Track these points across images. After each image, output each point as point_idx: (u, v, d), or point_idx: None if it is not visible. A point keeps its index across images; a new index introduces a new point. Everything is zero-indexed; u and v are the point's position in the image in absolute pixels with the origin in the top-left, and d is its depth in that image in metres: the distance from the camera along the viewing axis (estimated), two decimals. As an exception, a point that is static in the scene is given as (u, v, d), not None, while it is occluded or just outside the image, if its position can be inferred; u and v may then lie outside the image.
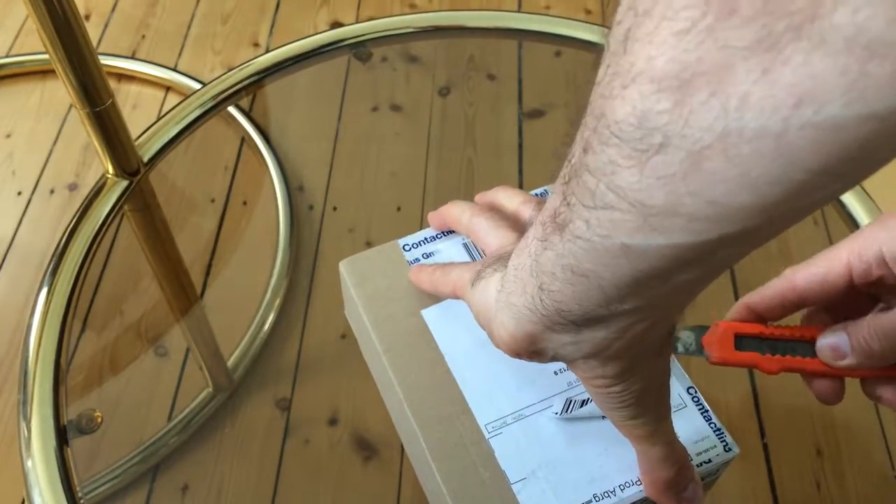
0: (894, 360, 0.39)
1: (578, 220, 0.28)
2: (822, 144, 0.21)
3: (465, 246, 0.50)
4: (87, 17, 1.34)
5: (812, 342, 0.41)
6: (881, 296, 0.41)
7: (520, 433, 0.43)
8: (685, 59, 0.22)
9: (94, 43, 1.08)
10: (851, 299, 0.42)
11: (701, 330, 0.43)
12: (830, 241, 0.85)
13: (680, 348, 0.43)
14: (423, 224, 0.53)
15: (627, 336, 0.32)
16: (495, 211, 0.47)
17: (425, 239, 0.51)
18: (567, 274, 0.30)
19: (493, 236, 0.45)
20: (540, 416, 0.44)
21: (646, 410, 0.37)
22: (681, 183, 0.23)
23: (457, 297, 0.43)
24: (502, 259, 0.38)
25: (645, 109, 0.23)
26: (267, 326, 0.86)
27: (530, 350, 0.35)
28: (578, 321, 0.31)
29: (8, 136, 1.18)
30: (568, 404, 0.44)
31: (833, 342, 0.40)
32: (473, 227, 0.47)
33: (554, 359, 0.35)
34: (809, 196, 0.23)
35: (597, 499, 0.41)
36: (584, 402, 0.44)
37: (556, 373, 0.45)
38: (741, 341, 0.43)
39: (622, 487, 0.42)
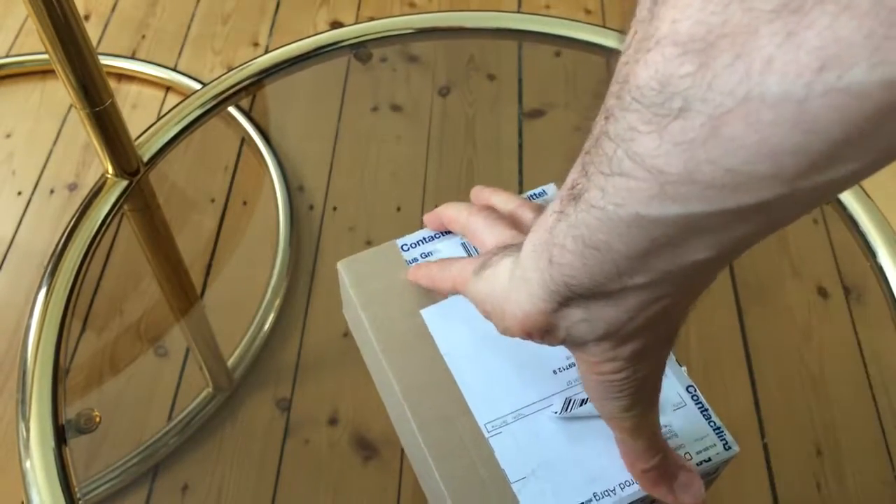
0: None
1: (594, 188, 0.27)
2: (843, 112, 0.20)
3: (464, 246, 0.50)
4: (87, 17, 1.34)
5: None
6: None
7: (520, 433, 0.43)
8: (710, 22, 0.22)
9: (94, 43, 1.08)
10: None
11: None
12: (830, 241, 0.85)
13: None
14: (422, 224, 0.53)
15: (641, 317, 0.31)
16: (492, 210, 0.47)
17: (423, 239, 0.51)
18: (578, 245, 0.29)
19: (489, 234, 0.45)
20: (540, 415, 0.44)
21: (640, 401, 0.37)
22: (700, 149, 0.23)
23: (456, 292, 0.43)
24: (511, 247, 0.37)
25: (667, 73, 0.23)
26: (267, 326, 0.86)
27: (543, 329, 0.34)
28: (587, 294, 0.31)
29: (8, 136, 1.18)
30: (567, 403, 0.44)
31: None
32: (471, 225, 0.47)
33: (566, 340, 0.34)
34: (828, 171, 0.22)
35: (597, 497, 0.41)
36: (583, 401, 0.44)
37: (555, 372, 0.45)
38: None
39: (622, 486, 0.42)
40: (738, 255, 0.29)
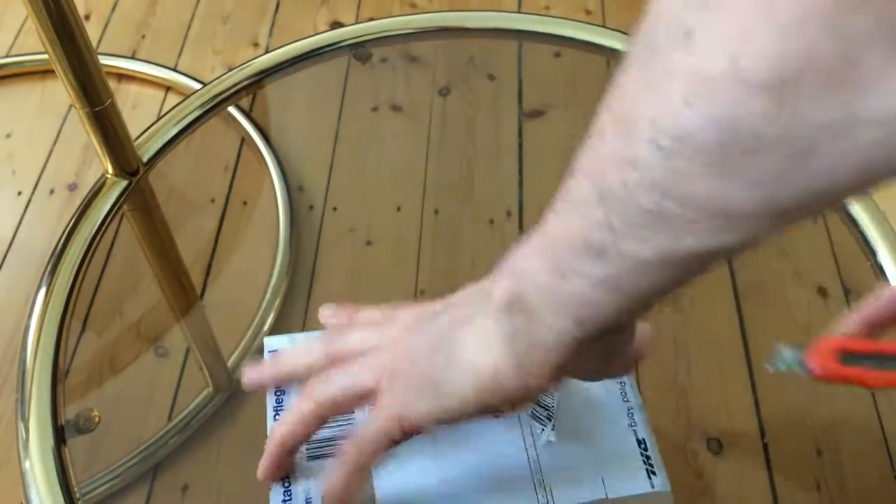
0: None
1: (631, 239, 0.26)
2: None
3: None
4: (87, 17, 1.33)
5: None
6: None
7: None
8: (791, 56, 0.20)
9: (94, 43, 1.08)
10: None
11: (801, 348, 0.42)
12: (830, 241, 0.85)
13: (781, 366, 0.42)
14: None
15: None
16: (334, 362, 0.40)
17: None
18: (613, 296, 0.28)
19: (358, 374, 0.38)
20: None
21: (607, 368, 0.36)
22: (778, 184, 0.22)
23: (410, 433, 0.36)
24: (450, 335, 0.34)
25: (733, 116, 0.21)
26: (267, 326, 0.86)
27: (540, 390, 0.33)
28: (599, 335, 0.30)
29: (8, 136, 1.18)
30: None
31: None
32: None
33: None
34: None
35: None
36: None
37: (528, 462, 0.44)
38: (846, 357, 0.41)
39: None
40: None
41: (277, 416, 0.44)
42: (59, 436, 0.62)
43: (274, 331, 0.86)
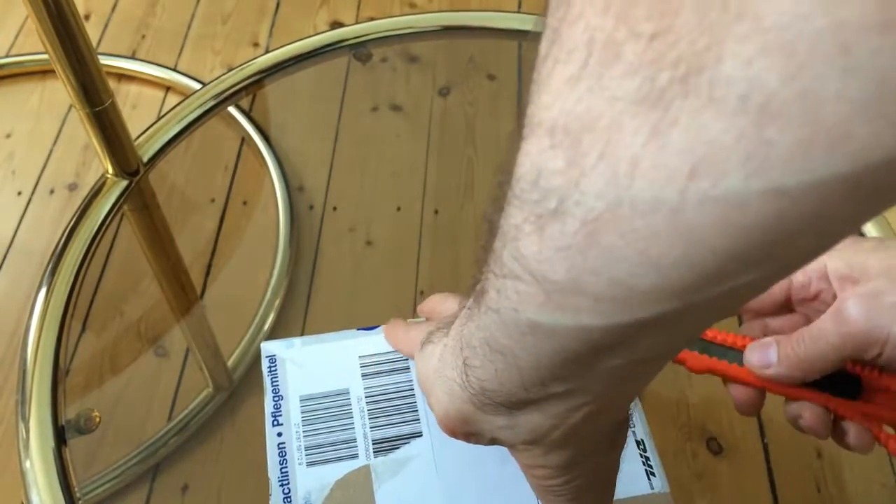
0: (817, 375, 0.39)
1: (491, 289, 0.24)
2: (726, 224, 0.17)
3: None
4: (87, 17, 1.33)
5: (743, 351, 0.41)
6: (812, 315, 0.41)
7: None
8: (576, 111, 0.19)
9: (94, 43, 1.08)
10: (788, 318, 0.42)
11: None
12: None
13: None
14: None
15: (567, 424, 0.28)
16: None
17: None
18: (485, 349, 0.26)
19: (447, 304, 0.42)
20: None
21: None
22: (579, 257, 0.20)
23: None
24: (450, 323, 0.33)
25: (540, 167, 0.20)
26: (267, 326, 0.86)
27: (465, 431, 0.31)
28: (505, 403, 0.28)
29: (8, 136, 1.18)
30: None
31: (761, 350, 0.40)
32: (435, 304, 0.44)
33: (493, 442, 0.31)
34: (729, 281, 0.19)
35: None
36: None
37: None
38: (700, 345, 0.42)
39: None
40: (667, 358, 0.25)
41: (275, 422, 0.44)
42: (60, 436, 0.62)
43: (274, 330, 0.86)
